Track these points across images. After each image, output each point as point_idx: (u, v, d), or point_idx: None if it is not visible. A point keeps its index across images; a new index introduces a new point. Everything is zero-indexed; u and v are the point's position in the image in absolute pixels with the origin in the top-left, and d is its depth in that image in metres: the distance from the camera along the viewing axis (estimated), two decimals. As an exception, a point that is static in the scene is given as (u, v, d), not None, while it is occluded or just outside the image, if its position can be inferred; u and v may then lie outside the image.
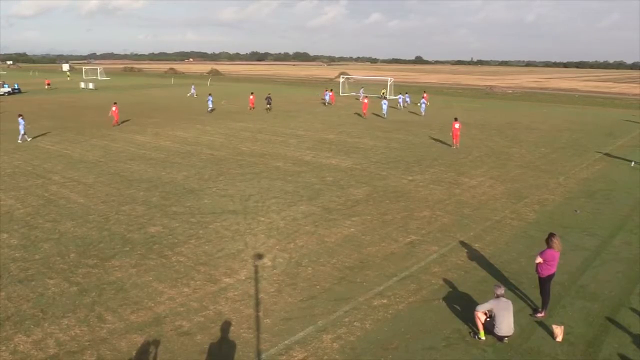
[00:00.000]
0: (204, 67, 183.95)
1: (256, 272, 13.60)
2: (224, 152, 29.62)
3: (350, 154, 29.55)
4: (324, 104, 60.97)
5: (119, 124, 40.40)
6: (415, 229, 17.12)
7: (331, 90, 67.35)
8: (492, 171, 25.85)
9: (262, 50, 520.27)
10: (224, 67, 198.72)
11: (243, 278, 13.22)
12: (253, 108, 52.21)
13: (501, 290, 10.50)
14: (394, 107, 55.16)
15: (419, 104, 52.09)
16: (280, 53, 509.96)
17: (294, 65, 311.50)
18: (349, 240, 15.92)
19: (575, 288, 13.02)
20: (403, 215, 18.54)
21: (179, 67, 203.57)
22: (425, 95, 55.07)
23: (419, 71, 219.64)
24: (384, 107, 47.74)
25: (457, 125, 32.09)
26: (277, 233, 16.45)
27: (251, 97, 54.47)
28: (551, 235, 11.42)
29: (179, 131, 37.30)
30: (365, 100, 50.22)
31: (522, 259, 14.69)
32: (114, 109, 40.80)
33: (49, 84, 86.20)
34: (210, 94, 54.10)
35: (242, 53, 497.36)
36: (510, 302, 10.62)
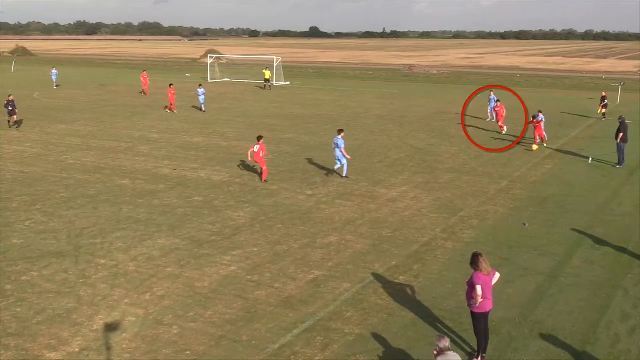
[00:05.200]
0: (6, 44, 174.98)
1: (96, 339, 13.10)
2: (40, 167, 28.33)
3: (225, 163, 29.43)
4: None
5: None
6: (320, 261, 17.35)
7: None
8: (416, 177, 26.91)
9: (92, 20, 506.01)
10: (35, 45, 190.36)
11: (77, 350, 12.68)
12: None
13: (445, 343, 10.57)
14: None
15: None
16: (120, 24, 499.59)
17: (140, 40, 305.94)
18: (230, 283, 15.81)
19: (529, 325, 13.81)
20: (302, 243, 18.73)
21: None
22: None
23: (315, 47, 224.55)
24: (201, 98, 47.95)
25: (256, 148, 26.09)
26: (125, 281, 15.98)
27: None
28: (476, 255, 12.09)
29: (-30, 140, 35.14)
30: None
31: (460, 291, 15.32)
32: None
33: None
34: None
35: (62, 24, 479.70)
36: (458, 357, 10.82)
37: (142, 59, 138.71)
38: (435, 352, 10.20)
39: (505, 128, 38.31)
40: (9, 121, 39.26)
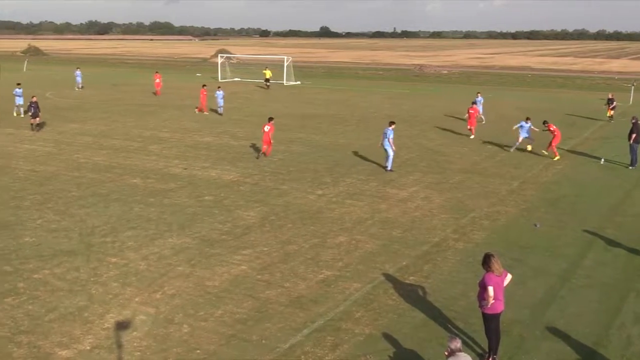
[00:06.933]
0: (18, 44, 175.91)
1: (107, 337, 13.14)
2: (52, 166, 28.45)
3: (236, 163, 29.47)
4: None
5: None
6: (330, 261, 17.34)
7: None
8: (427, 178, 26.86)
9: (104, 20, 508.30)
10: (47, 44, 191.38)
11: (88, 348, 12.71)
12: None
13: (456, 344, 10.56)
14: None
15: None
16: (131, 23, 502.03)
17: (151, 40, 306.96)
18: (240, 283, 15.83)
19: (540, 326, 13.76)
20: (312, 243, 18.73)
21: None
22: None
23: (325, 47, 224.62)
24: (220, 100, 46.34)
25: (267, 128, 29.99)
26: (136, 279, 16.02)
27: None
28: (488, 256, 12.04)
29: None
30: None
31: (471, 292, 15.29)
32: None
33: None
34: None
35: (74, 23, 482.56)
36: (469, 358, 10.80)
37: (153, 58, 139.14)
38: (446, 353, 10.19)
39: (473, 133, 37.26)
40: (32, 124, 38.09)
